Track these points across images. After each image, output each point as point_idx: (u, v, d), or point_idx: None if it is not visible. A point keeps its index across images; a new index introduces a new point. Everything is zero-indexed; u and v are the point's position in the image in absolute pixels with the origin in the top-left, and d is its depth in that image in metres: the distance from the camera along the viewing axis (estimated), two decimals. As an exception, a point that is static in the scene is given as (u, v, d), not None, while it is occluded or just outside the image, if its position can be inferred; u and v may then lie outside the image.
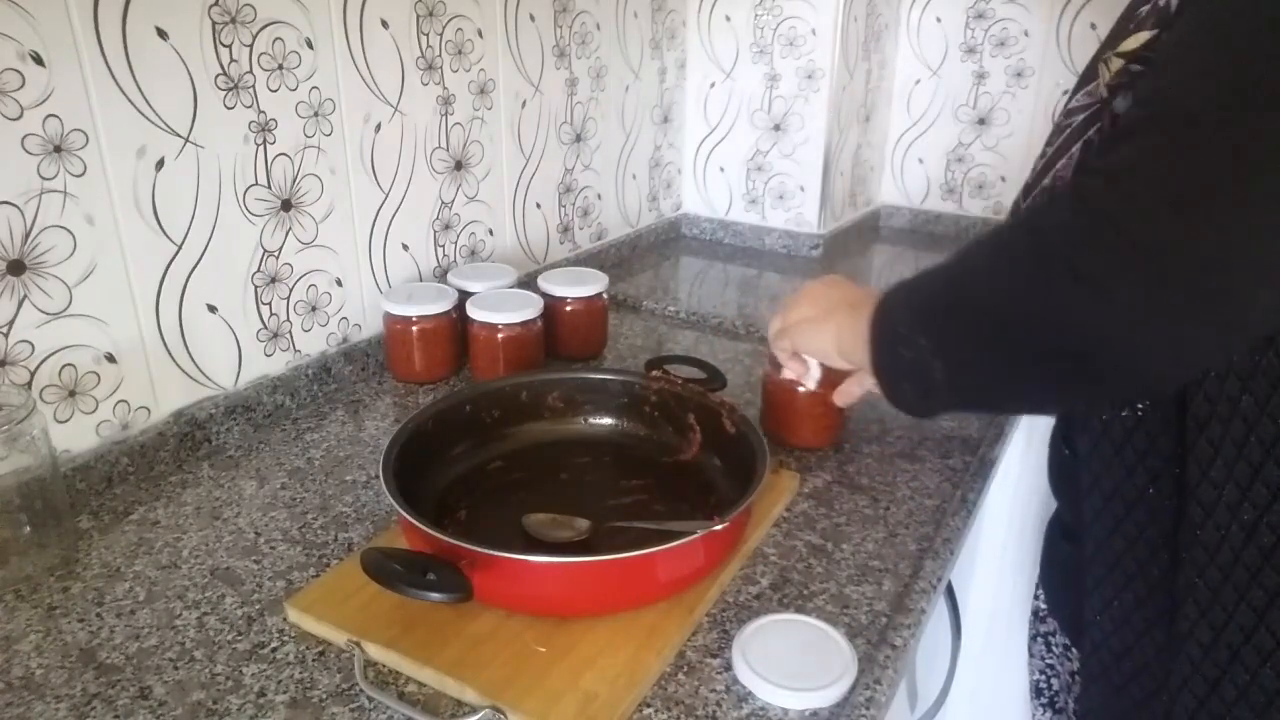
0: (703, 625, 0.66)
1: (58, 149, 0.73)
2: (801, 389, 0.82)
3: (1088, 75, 0.61)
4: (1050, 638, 0.79)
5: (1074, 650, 0.74)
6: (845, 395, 0.82)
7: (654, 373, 0.88)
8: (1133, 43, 0.55)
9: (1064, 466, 0.69)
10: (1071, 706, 0.76)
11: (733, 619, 0.66)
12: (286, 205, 0.94)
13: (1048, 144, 0.65)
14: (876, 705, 0.59)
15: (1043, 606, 0.80)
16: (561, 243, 1.40)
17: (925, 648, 0.92)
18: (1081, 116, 0.61)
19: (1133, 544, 0.60)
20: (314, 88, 0.94)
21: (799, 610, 0.67)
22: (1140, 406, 0.57)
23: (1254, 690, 0.52)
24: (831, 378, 0.80)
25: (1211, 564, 0.53)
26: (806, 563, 0.73)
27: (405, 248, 1.10)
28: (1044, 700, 0.81)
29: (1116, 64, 0.56)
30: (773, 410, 0.90)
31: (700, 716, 0.58)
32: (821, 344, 0.67)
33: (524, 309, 1.02)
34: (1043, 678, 0.81)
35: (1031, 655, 0.82)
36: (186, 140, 0.83)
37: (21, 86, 0.70)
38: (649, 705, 0.58)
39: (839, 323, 0.65)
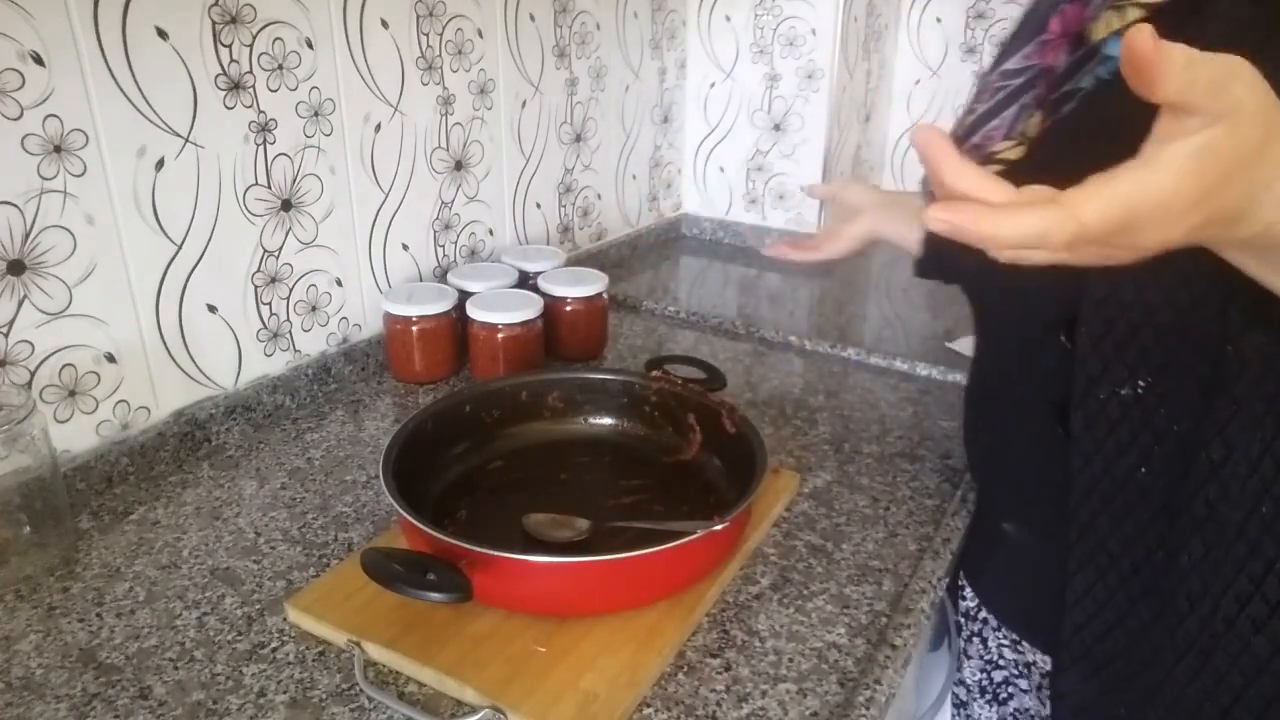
0: (703, 625, 0.66)
1: (58, 149, 0.73)
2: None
3: (1024, 35, 0.61)
4: (987, 636, 0.79)
5: (1024, 644, 0.75)
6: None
7: (654, 373, 0.88)
8: (1136, 14, 0.53)
9: (1048, 449, 0.67)
10: (1019, 696, 0.77)
11: (733, 619, 0.66)
12: (286, 205, 0.94)
13: (976, 100, 0.65)
14: (876, 705, 0.59)
15: (971, 605, 0.80)
16: (561, 243, 1.40)
17: (925, 647, 0.92)
18: (1020, 80, 0.61)
19: (1120, 523, 0.60)
20: (314, 88, 0.94)
21: (799, 610, 0.68)
22: (1142, 382, 0.57)
23: (1246, 658, 0.54)
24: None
25: (1218, 537, 0.54)
26: (806, 563, 0.73)
27: (405, 248, 1.10)
28: (987, 697, 0.81)
29: (1118, 22, 0.54)
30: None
31: (700, 716, 0.58)
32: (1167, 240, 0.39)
33: (524, 309, 1.02)
34: (983, 675, 0.81)
35: (969, 656, 0.82)
36: (186, 140, 0.83)
37: (21, 86, 0.70)
38: (649, 705, 0.58)
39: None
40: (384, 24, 1.00)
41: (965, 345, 1.15)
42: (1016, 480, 0.73)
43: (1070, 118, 0.57)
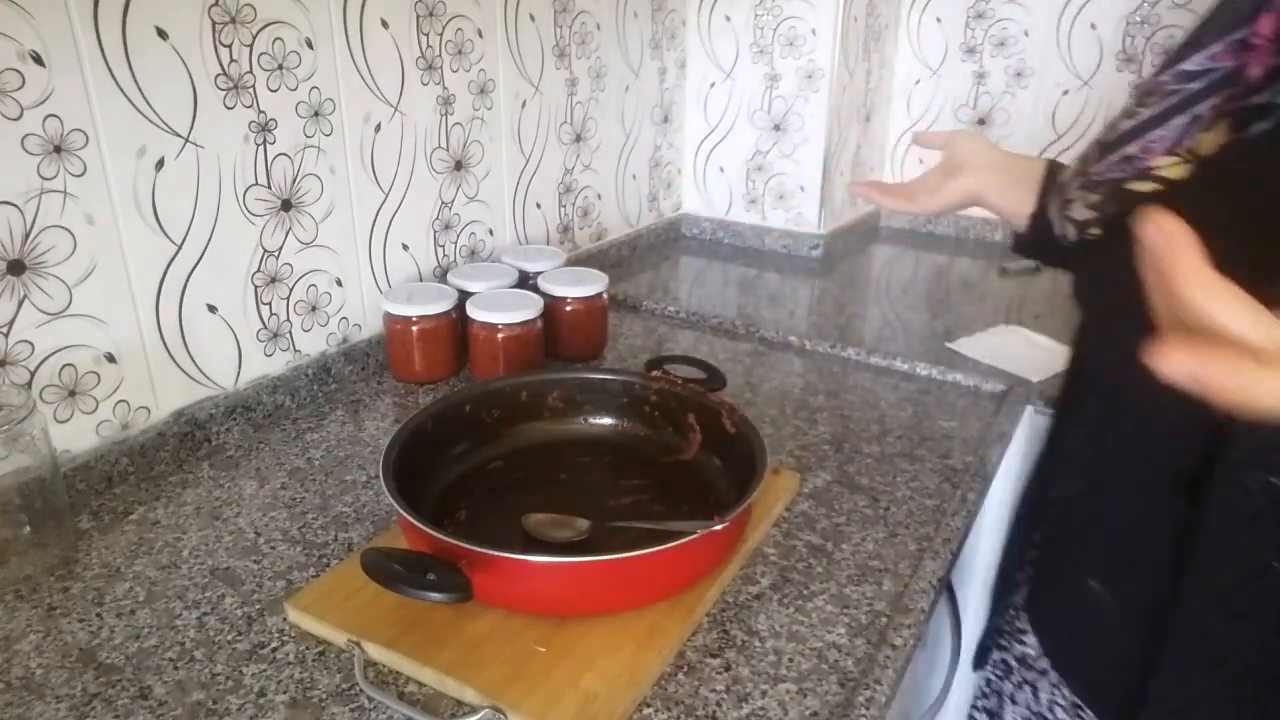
0: (703, 625, 0.66)
1: (58, 149, 0.73)
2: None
3: (1214, 31, 0.53)
4: (1040, 688, 0.70)
5: (1086, 712, 0.65)
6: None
7: (654, 373, 0.88)
8: None
9: (1163, 514, 0.57)
10: None
11: (733, 619, 0.66)
12: (286, 205, 0.94)
13: (1139, 103, 0.56)
14: (876, 705, 0.59)
15: (1030, 652, 0.72)
16: (561, 243, 1.40)
17: (925, 647, 0.92)
18: (1199, 85, 0.53)
19: (1236, 621, 0.52)
20: (314, 88, 0.94)
21: (799, 610, 0.68)
22: None
23: None
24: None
25: None
26: (806, 563, 0.73)
27: (405, 248, 1.10)
28: None
29: None
30: None
31: (700, 716, 0.58)
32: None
33: (524, 309, 1.02)
34: None
35: (1014, 702, 0.74)
36: (186, 140, 0.83)
37: (21, 86, 0.70)
38: (649, 705, 0.58)
39: None
40: (384, 24, 1.00)
41: (965, 345, 1.15)
42: (1114, 537, 0.62)
43: (1260, 140, 0.48)
